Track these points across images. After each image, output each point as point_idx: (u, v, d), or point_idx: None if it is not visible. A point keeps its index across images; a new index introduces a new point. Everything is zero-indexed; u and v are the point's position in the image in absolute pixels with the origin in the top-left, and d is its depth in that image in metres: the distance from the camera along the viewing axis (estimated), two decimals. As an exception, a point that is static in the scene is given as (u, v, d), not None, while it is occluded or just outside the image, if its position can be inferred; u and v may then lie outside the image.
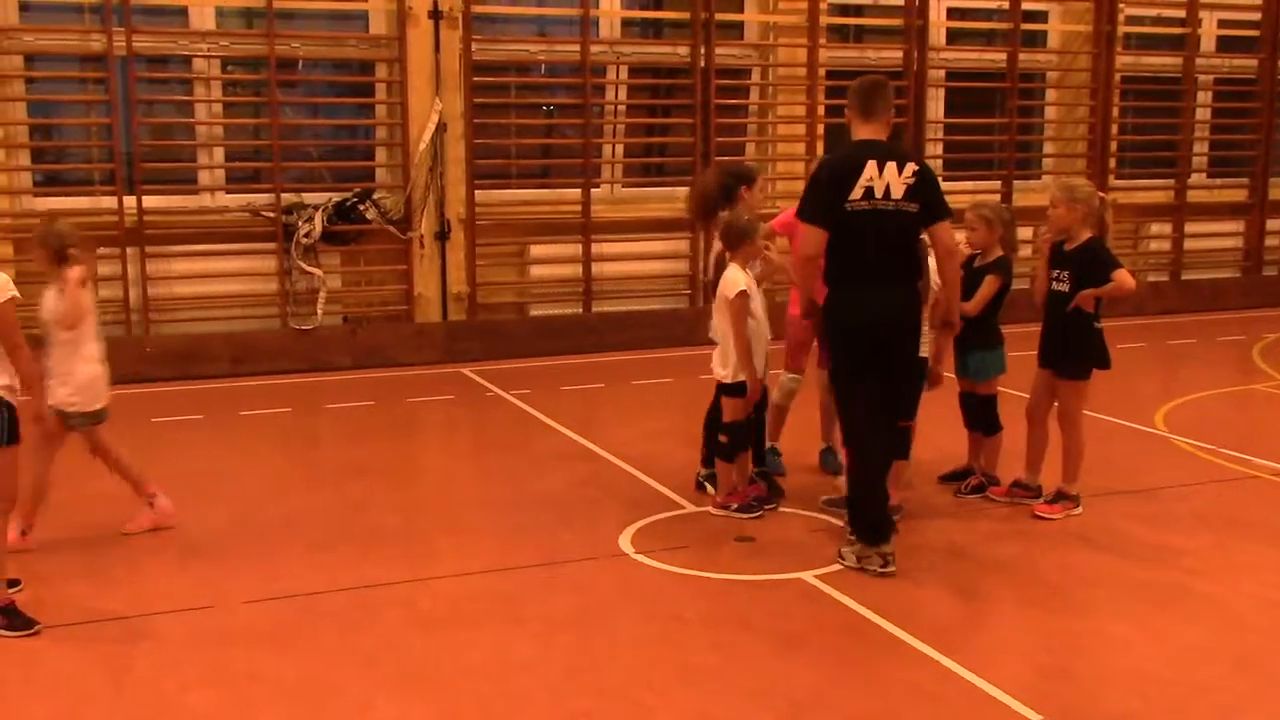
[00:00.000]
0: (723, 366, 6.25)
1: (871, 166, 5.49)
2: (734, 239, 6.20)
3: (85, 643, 4.87)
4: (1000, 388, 6.71)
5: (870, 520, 5.60)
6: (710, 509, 6.38)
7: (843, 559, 5.66)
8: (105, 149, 10.20)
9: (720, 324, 6.25)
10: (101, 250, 10.08)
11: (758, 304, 6.24)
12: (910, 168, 5.55)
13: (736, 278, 6.13)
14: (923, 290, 5.84)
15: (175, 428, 8.55)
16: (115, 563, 5.75)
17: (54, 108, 10.58)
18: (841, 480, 6.27)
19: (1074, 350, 6.27)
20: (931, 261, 5.86)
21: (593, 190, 11.41)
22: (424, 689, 4.45)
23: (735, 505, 6.32)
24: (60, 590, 5.42)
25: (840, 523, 5.99)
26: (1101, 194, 6.40)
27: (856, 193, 5.48)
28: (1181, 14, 13.45)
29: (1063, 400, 6.37)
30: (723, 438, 6.33)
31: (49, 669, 4.65)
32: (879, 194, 5.49)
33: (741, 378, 6.17)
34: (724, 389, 6.29)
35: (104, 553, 5.89)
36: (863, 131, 5.69)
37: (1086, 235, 6.19)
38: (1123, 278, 6.08)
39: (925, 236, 5.72)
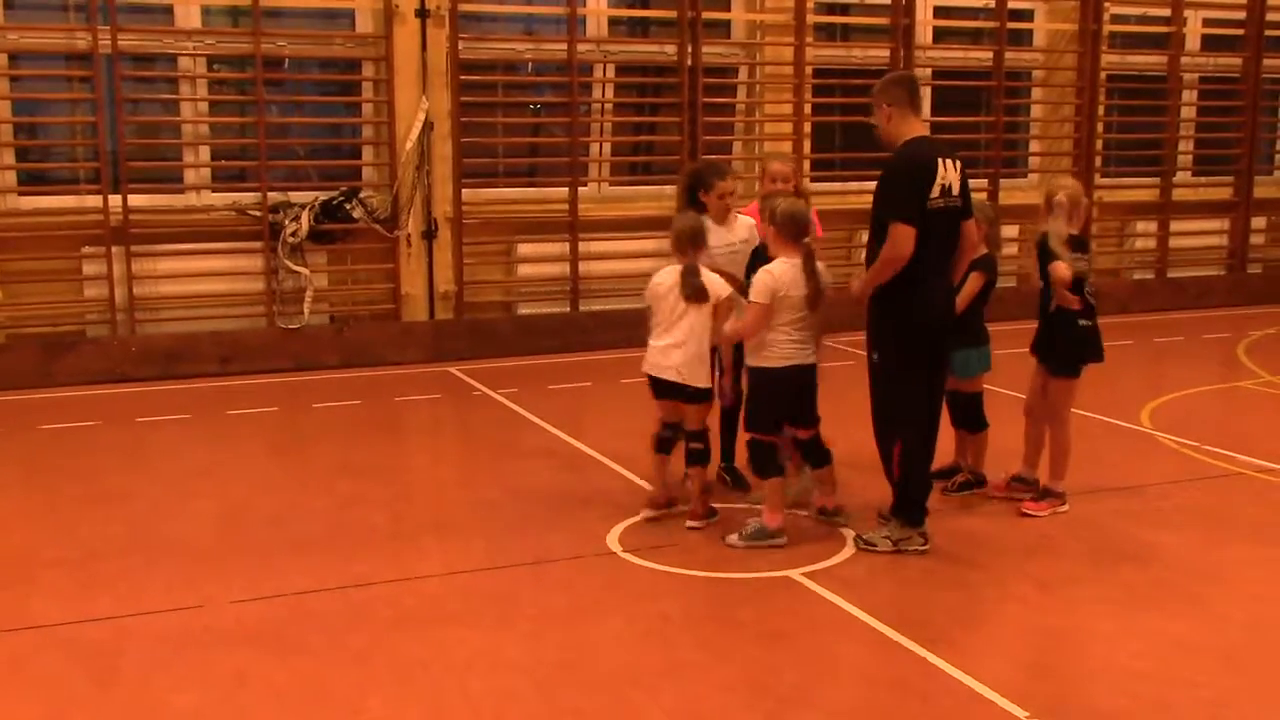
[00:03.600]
0: (699, 370, 6.09)
1: (940, 164, 5.58)
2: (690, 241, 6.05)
3: (72, 643, 4.85)
4: (986, 385, 6.73)
5: (918, 502, 5.79)
6: (689, 523, 6.16)
7: (872, 545, 5.77)
8: (90, 147, 10.16)
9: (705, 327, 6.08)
10: (86, 249, 10.09)
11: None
12: (959, 163, 5.69)
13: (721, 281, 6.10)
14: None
15: (161, 427, 8.53)
16: (101, 563, 5.74)
17: (39, 106, 10.52)
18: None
19: (1060, 346, 6.30)
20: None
21: (580, 189, 11.40)
22: (413, 688, 4.45)
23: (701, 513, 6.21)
24: (46, 590, 5.41)
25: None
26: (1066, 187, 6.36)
27: (935, 191, 5.56)
28: (1166, 12, 13.49)
29: (1051, 397, 6.39)
30: (696, 445, 6.20)
31: (35, 670, 4.64)
32: (948, 191, 5.61)
33: (708, 384, 6.10)
34: (695, 394, 6.10)
35: (90, 553, 5.88)
36: (916, 126, 5.73)
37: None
38: (1054, 270, 6.11)
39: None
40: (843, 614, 5.09)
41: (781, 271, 5.79)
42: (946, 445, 6.85)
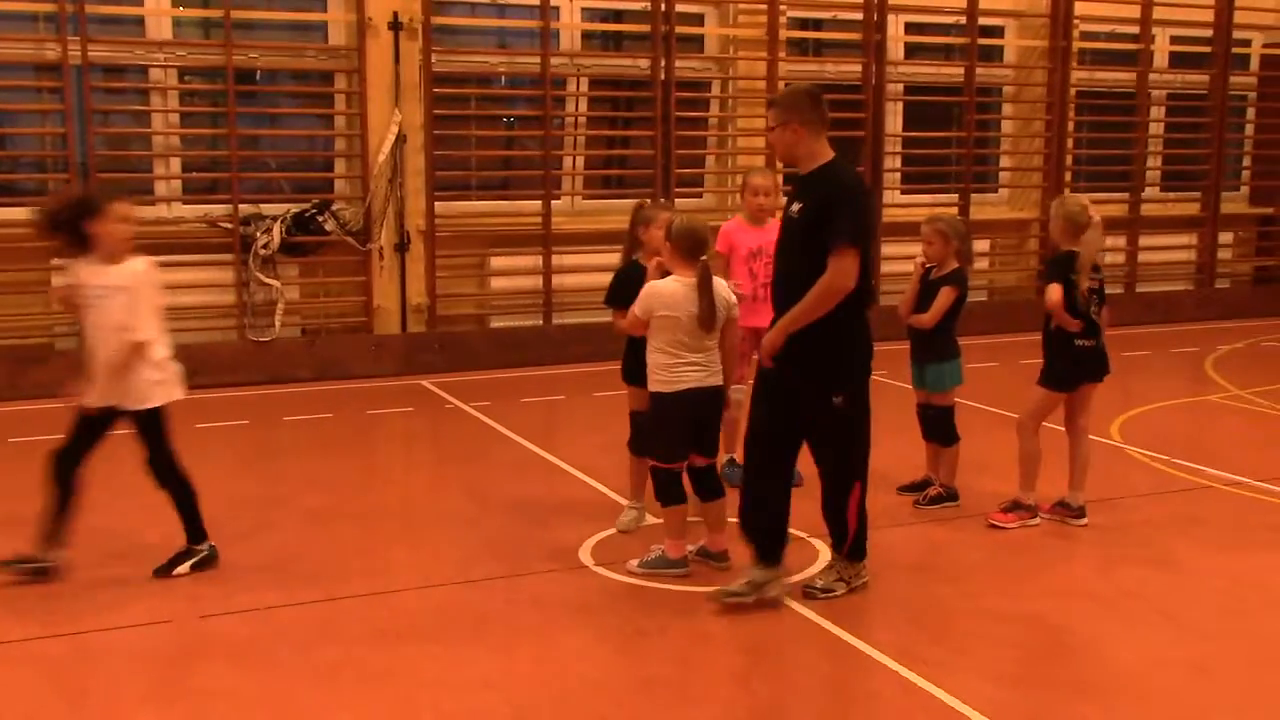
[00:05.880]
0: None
1: None
2: None
3: (39, 660, 4.80)
4: (958, 399, 6.76)
5: (865, 536, 5.46)
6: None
7: (832, 592, 5.37)
8: (60, 159, 10.07)
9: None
10: (56, 261, 9.99)
11: None
12: None
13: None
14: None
15: (130, 440, 8.43)
16: (68, 577, 5.67)
17: (8, 117, 10.44)
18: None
19: (1050, 363, 6.39)
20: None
21: (553, 202, 11.40)
22: (384, 703, 4.42)
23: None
24: (13, 606, 5.35)
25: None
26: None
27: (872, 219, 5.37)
28: (1135, 30, 13.62)
29: (1026, 403, 6.45)
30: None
31: (1, 686, 4.58)
32: None
33: None
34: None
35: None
36: (828, 147, 5.17)
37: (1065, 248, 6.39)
38: (1047, 293, 6.23)
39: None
40: (817, 628, 5.09)
41: (669, 290, 5.43)
42: (918, 458, 6.89)
